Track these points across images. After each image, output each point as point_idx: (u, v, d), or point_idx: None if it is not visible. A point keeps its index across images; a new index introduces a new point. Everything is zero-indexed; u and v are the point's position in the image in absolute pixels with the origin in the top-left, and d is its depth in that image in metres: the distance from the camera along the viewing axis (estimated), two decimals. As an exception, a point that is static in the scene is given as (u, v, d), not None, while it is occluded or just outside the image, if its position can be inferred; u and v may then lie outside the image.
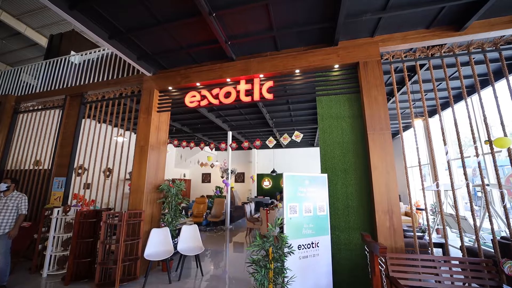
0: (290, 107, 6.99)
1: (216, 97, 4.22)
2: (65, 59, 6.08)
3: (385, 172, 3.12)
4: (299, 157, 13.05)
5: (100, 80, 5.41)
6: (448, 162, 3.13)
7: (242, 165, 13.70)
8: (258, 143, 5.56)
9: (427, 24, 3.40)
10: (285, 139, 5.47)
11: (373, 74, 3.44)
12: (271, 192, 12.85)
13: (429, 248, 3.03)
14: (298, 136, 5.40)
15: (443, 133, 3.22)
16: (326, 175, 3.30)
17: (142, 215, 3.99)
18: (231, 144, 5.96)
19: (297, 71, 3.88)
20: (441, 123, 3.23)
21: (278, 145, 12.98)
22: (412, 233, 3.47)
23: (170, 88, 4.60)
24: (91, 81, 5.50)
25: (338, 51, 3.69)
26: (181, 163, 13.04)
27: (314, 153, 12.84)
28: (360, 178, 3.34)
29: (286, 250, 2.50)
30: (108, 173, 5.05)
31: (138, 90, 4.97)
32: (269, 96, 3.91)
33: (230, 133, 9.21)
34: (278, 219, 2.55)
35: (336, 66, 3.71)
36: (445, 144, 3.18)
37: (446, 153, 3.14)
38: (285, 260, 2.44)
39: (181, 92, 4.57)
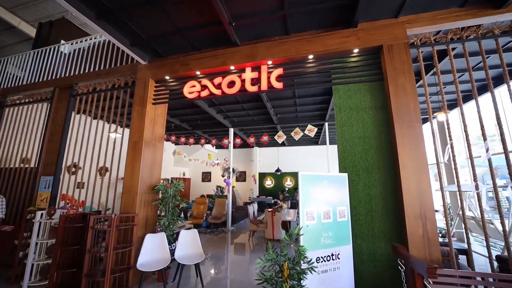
0: (296, 101, 6.53)
1: (218, 87, 3.77)
2: (54, 48, 5.61)
3: (416, 171, 2.67)
4: (303, 155, 12.60)
5: (91, 70, 4.96)
6: (489, 160, 2.68)
7: (243, 164, 13.26)
8: (265, 138, 5.10)
9: (461, 2, 2.95)
10: (296, 134, 5.02)
11: (399, 59, 2.99)
12: (273, 192, 12.41)
13: (456, 258, 2.60)
14: (311, 130, 4.93)
15: (482, 127, 2.77)
16: (346, 174, 2.86)
17: (135, 219, 3.55)
18: (235, 140, 5.48)
19: (311, 56, 3.42)
20: (479, 115, 2.78)
21: (281, 144, 12.53)
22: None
23: (167, 77, 4.15)
24: (81, 72, 5.05)
25: (358, 34, 3.23)
26: (180, 162, 12.59)
27: (318, 152, 12.40)
28: (385, 178, 2.89)
29: (304, 265, 2.07)
30: (102, 171, 4.62)
31: (132, 81, 4.51)
32: (278, 85, 3.46)
33: (231, 130, 8.76)
34: (296, 228, 2.11)
35: (356, 50, 3.26)
36: (485, 139, 2.74)
37: (487, 150, 2.69)
38: (303, 279, 2.01)
39: (179, 82, 4.11)
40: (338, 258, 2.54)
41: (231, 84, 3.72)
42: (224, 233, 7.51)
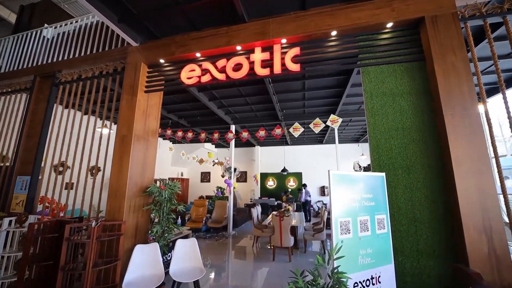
0: (305, 94, 5.97)
1: (222, 70, 3.19)
2: (36, 33, 5.00)
3: (475, 170, 2.11)
4: (307, 155, 12.05)
5: (77, 56, 4.36)
6: None
7: (244, 163, 12.67)
8: (278, 131, 4.51)
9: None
10: (316, 126, 4.43)
11: (447, 33, 2.43)
12: (275, 193, 11.82)
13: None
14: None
15: (553, 115, 2.22)
16: (383, 174, 2.29)
17: (122, 228, 2.96)
18: (241, 133, 4.89)
19: (334, 33, 2.85)
20: (549, 101, 2.22)
21: (284, 142, 11.97)
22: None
23: (161, 61, 3.56)
24: (65, 58, 4.45)
25: (393, 4, 2.66)
26: (178, 161, 11.98)
27: (322, 151, 11.84)
28: (432, 179, 2.33)
29: (345, 299, 1.50)
30: (94, 171, 4.00)
31: (122, 67, 3.91)
32: (294, 67, 2.89)
33: (233, 127, 8.18)
34: (335, 247, 1.54)
35: (389, 24, 2.69)
36: (558, 130, 2.18)
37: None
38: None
39: (176, 66, 3.53)
40: (379, 282, 1.97)
41: (238, 67, 3.14)
42: (225, 238, 6.93)
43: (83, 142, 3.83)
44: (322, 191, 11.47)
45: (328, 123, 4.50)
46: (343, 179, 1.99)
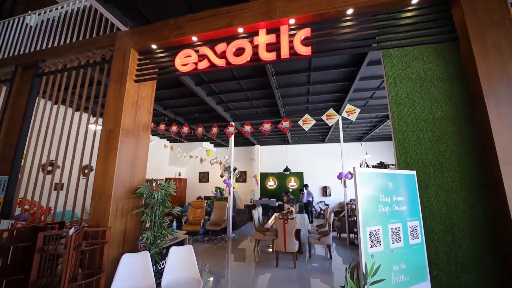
0: (310, 89, 5.62)
1: (222, 55, 2.81)
2: (18, 20, 4.60)
3: (527, 168, 1.76)
4: (309, 154, 11.70)
5: (62, 43, 3.97)
6: None
7: (244, 163, 12.30)
8: (286, 124, 4.11)
9: None
10: (330, 118, 4.04)
11: (486, 7, 2.07)
12: (276, 193, 11.45)
13: None
14: (351, 111, 3.93)
15: None
16: (414, 172, 1.93)
17: (107, 234, 2.58)
18: (243, 127, 4.50)
19: (350, 11, 2.49)
20: None
21: (285, 142, 11.61)
22: None
23: (153, 46, 3.18)
24: (49, 46, 4.05)
25: (419, -24, 2.31)
26: (176, 161, 11.59)
27: (324, 150, 11.51)
28: (471, 179, 1.97)
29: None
30: (87, 171, 3.60)
31: (110, 55, 3.53)
32: (305, 50, 2.52)
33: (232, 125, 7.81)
34: (371, 267, 1.17)
35: (415, 1, 2.34)
36: None
37: None
38: None
39: (170, 53, 3.15)
40: (415, 305, 1.61)
41: (240, 52, 2.77)
42: (224, 241, 6.55)
43: (67, 138, 3.44)
44: (324, 191, 11.12)
45: (344, 114, 4.08)
46: (371, 178, 1.63)
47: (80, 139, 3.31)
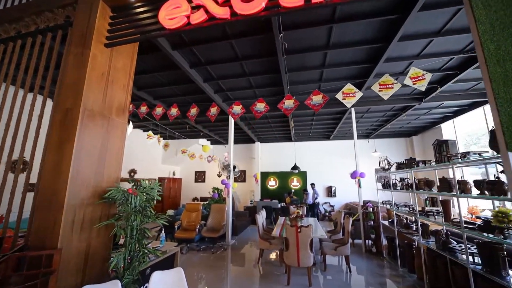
0: (323, 72, 4.82)
1: (224, 3, 1.99)
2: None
3: None
4: (313, 152, 10.93)
5: (15, 3, 3.10)
6: None
7: (243, 161, 11.48)
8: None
9: None
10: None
11: None
12: (277, 194, 10.63)
13: None
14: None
15: None
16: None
17: (55, 260, 1.74)
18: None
19: None
20: None
21: (287, 139, 10.82)
22: None
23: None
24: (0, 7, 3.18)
25: None
26: (170, 159, 10.71)
27: (329, 147, 10.77)
28: None
29: None
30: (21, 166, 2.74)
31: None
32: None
33: (232, 120, 6.99)
34: None
35: None
36: None
37: None
38: None
39: (153, 6, 2.31)
40: None
41: (250, -4, 1.95)
42: (223, 250, 5.73)
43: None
44: (329, 191, 10.36)
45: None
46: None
47: (12, 124, 2.40)
